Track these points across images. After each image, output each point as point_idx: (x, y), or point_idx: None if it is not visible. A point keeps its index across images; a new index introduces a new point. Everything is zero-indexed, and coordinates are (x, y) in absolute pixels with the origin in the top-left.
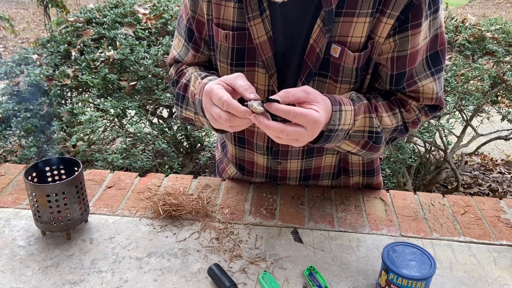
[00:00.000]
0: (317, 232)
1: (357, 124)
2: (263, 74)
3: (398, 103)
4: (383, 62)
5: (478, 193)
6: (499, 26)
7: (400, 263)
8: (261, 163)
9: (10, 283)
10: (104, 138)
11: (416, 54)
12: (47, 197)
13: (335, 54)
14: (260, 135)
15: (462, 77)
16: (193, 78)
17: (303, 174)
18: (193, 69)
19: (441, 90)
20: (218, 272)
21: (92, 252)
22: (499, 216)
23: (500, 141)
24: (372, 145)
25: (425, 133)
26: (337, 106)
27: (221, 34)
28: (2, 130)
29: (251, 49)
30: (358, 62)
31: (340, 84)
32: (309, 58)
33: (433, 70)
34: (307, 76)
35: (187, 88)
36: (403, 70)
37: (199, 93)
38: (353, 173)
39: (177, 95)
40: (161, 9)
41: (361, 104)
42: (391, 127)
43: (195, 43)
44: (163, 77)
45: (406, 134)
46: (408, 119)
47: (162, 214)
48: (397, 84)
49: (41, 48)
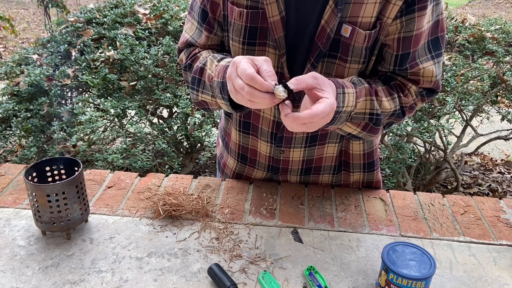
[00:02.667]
0: (317, 232)
1: (358, 106)
2: (273, 54)
3: (397, 88)
4: (389, 43)
5: (478, 193)
6: (499, 26)
7: (400, 263)
8: (264, 151)
9: (10, 283)
10: (104, 138)
11: (420, 36)
12: (47, 197)
13: (345, 34)
14: (265, 120)
15: (462, 77)
16: (209, 61)
17: (305, 166)
18: (206, 52)
19: (439, 74)
20: (218, 272)
21: (92, 252)
22: (499, 216)
23: (500, 141)
24: (372, 127)
25: (425, 133)
26: (340, 89)
27: (236, 12)
28: (2, 130)
29: (263, 29)
30: (369, 41)
31: (350, 64)
32: (319, 38)
33: (433, 54)
34: (317, 56)
35: (203, 71)
36: (408, 51)
37: (218, 75)
38: (354, 168)
39: (192, 79)
40: (161, 9)
41: (362, 87)
42: (389, 111)
43: (209, 24)
44: (163, 77)
45: (402, 119)
46: (406, 104)
47: (162, 214)
48: (401, 64)
49: (41, 48)
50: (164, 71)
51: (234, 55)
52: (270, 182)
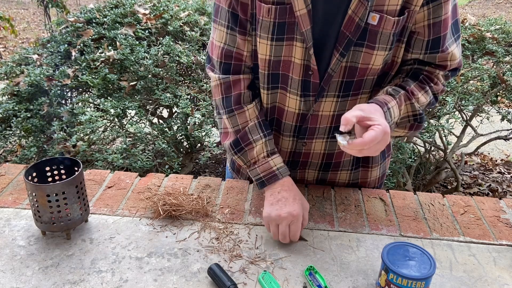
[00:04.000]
0: (317, 232)
1: (402, 113)
2: (300, 48)
3: (426, 80)
4: (419, 30)
5: (478, 193)
6: (498, 26)
7: (400, 263)
8: (285, 147)
9: (10, 283)
10: (104, 138)
11: (448, 19)
12: (47, 197)
13: (373, 22)
14: (289, 114)
15: (462, 77)
16: (259, 146)
17: (325, 160)
18: (253, 111)
19: (460, 54)
20: (218, 272)
21: (92, 252)
22: (499, 216)
23: (500, 141)
24: (418, 125)
25: (425, 133)
26: (385, 107)
27: (264, 9)
28: (2, 130)
29: (290, 23)
30: (397, 27)
31: (377, 51)
32: (347, 28)
33: (455, 36)
34: (345, 46)
35: (251, 148)
36: (439, 35)
37: (264, 171)
38: (373, 162)
39: (235, 141)
40: (161, 9)
41: (400, 95)
42: (426, 103)
43: (241, 26)
44: (163, 77)
45: (436, 103)
46: (437, 91)
47: (162, 214)
48: (432, 48)
49: (41, 48)
50: (164, 71)
51: (261, 52)
52: None
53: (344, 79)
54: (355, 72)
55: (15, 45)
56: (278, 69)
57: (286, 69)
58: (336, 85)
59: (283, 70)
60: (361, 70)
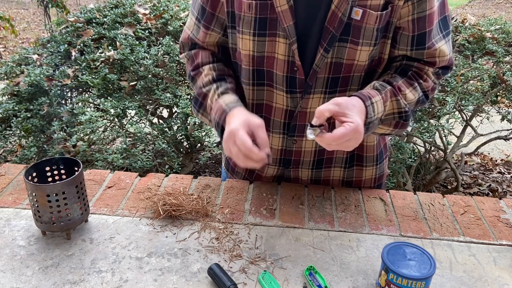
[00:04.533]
0: (317, 232)
1: (386, 109)
2: (283, 44)
3: (415, 77)
4: (403, 25)
5: (478, 193)
6: (498, 26)
7: (400, 263)
8: (276, 145)
9: (10, 283)
10: (104, 138)
11: (433, 15)
12: (47, 197)
13: (356, 17)
14: (278, 111)
15: (462, 77)
16: (212, 91)
17: (317, 157)
18: (208, 70)
19: (451, 51)
20: (218, 272)
21: (92, 252)
22: (499, 216)
23: (500, 141)
24: (403, 123)
25: (425, 133)
26: (368, 101)
27: (245, 5)
28: (2, 130)
29: (272, 19)
30: (380, 22)
31: (361, 46)
32: (330, 23)
33: (444, 33)
34: (329, 42)
35: (206, 97)
36: (424, 30)
37: (216, 113)
38: (367, 161)
39: (195, 99)
40: (161, 9)
41: (386, 91)
42: (414, 101)
43: (207, 21)
44: (163, 77)
45: (427, 102)
46: (427, 88)
47: (162, 214)
48: (418, 45)
49: (41, 48)
50: (164, 71)
51: (244, 48)
52: (270, 182)
53: (330, 75)
54: (340, 68)
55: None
56: (262, 65)
57: (270, 65)
58: (323, 81)
59: (267, 66)
60: (347, 66)
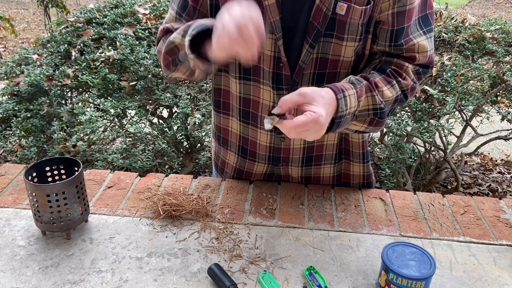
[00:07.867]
0: (317, 232)
1: (361, 104)
2: (270, 39)
3: (394, 74)
4: (383, 19)
5: (478, 193)
6: (498, 26)
7: (400, 263)
8: (264, 142)
9: (10, 283)
10: (104, 138)
11: (413, 10)
12: (47, 197)
13: (341, 12)
14: (265, 107)
15: (462, 77)
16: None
17: (306, 154)
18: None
19: (432, 49)
20: (218, 272)
21: (92, 252)
22: (499, 216)
23: (500, 141)
24: (378, 121)
25: (425, 133)
26: (340, 94)
27: None
28: (2, 130)
29: None
30: (364, 17)
31: (346, 42)
32: (315, 19)
33: (425, 30)
34: (314, 37)
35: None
36: (402, 25)
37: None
38: (354, 157)
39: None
40: (161, 9)
41: (362, 85)
42: (391, 99)
43: (188, 15)
44: (163, 77)
45: (405, 102)
46: (406, 87)
47: (162, 214)
48: (396, 40)
49: (41, 48)
50: None
51: None
52: (270, 182)
53: (316, 70)
54: (326, 64)
55: (15, 45)
56: None
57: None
58: (309, 77)
59: None
60: (332, 62)
